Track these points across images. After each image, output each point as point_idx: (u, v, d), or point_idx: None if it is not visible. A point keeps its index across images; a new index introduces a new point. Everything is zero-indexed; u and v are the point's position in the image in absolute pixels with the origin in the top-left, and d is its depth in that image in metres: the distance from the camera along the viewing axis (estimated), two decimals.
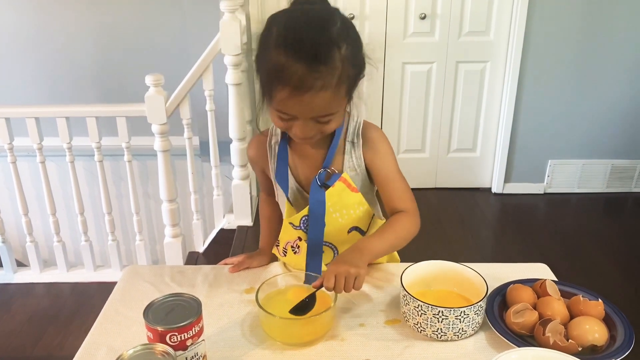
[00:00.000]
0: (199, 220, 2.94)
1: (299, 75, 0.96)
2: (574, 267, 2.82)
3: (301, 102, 0.98)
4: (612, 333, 1.02)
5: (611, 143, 3.55)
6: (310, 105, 0.99)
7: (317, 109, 1.01)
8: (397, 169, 1.20)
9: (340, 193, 1.18)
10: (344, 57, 0.98)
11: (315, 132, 1.06)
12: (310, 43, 0.96)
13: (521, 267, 1.28)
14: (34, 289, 2.92)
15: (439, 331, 1.03)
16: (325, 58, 0.96)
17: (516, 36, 3.27)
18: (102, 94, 3.48)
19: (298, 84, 0.96)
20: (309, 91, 0.97)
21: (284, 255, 1.32)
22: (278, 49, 0.97)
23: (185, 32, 3.29)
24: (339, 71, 0.98)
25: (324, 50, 0.96)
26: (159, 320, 0.89)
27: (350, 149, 1.18)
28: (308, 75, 0.96)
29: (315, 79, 0.96)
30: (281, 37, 0.98)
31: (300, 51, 0.95)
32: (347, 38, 1.00)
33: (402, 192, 1.20)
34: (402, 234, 1.16)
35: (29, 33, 3.39)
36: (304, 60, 0.95)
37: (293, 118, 1.03)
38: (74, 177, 2.73)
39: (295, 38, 0.96)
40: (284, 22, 1.00)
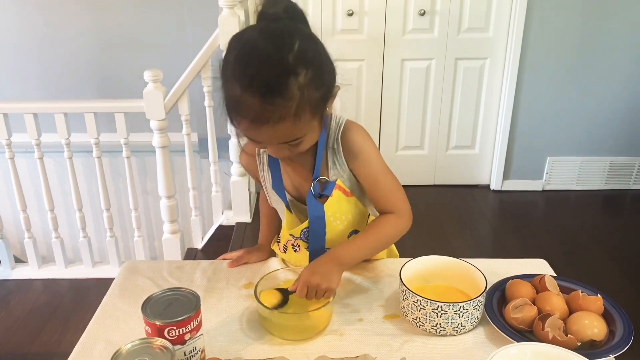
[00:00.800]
0: (197, 217, 2.94)
1: (255, 110, 0.93)
2: (572, 264, 2.82)
3: (261, 133, 0.97)
4: (611, 328, 1.02)
5: (610, 140, 3.55)
6: (272, 135, 0.98)
7: (279, 137, 0.99)
8: (381, 170, 1.16)
9: (338, 201, 1.17)
10: (303, 85, 0.94)
11: (289, 152, 1.04)
12: (262, 77, 0.92)
13: (520, 262, 1.28)
14: (32, 285, 2.92)
15: (438, 326, 1.03)
16: (279, 91, 0.92)
17: (515, 33, 3.26)
18: (100, 90, 3.47)
19: (254, 117, 0.94)
20: (267, 123, 0.94)
21: (284, 251, 1.32)
22: (233, 82, 0.94)
23: (184, 28, 3.29)
24: (296, 100, 0.94)
25: (278, 83, 0.92)
26: (157, 314, 0.89)
27: (332, 157, 1.15)
28: (263, 110, 0.93)
29: (271, 112, 0.93)
30: (236, 70, 0.94)
31: (252, 86, 0.92)
32: (306, 62, 0.94)
33: (390, 193, 1.17)
34: (383, 237, 1.15)
35: (27, 29, 3.38)
36: (257, 94, 0.92)
37: (262, 142, 1.02)
38: (72, 173, 2.72)
39: (246, 72, 0.93)
40: (238, 50, 0.96)
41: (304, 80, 0.94)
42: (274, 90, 0.92)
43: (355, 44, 3.32)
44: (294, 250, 1.28)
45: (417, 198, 3.60)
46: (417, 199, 3.54)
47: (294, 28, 0.98)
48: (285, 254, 1.32)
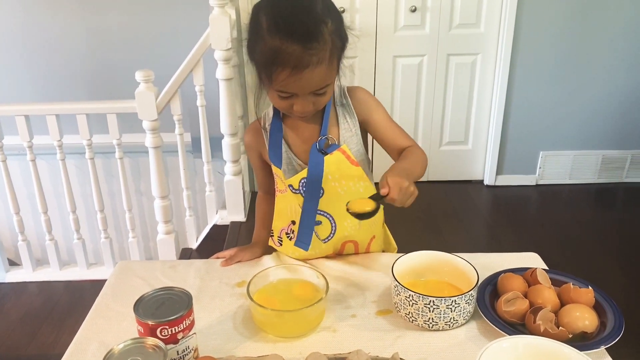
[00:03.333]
0: (191, 217, 2.93)
1: (296, 55, 1.02)
2: (566, 257, 2.83)
3: (301, 79, 1.05)
4: (602, 320, 1.02)
5: (602, 134, 3.56)
6: (309, 81, 1.06)
7: (315, 83, 1.07)
8: (390, 117, 1.27)
9: (338, 163, 1.20)
10: (331, 32, 1.06)
11: (312, 105, 1.12)
12: (301, 24, 1.03)
13: (512, 256, 1.28)
14: (26, 288, 2.91)
15: (431, 321, 1.04)
16: (316, 35, 1.03)
17: (507, 28, 3.27)
18: (92, 91, 3.46)
19: (296, 63, 1.03)
20: (307, 68, 1.04)
21: (280, 244, 1.33)
22: (272, 35, 1.03)
23: (174, 27, 3.28)
24: (329, 45, 1.05)
25: (314, 28, 1.03)
26: (149, 314, 0.89)
27: (342, 111, 1.23)
28: (304, 54, 1.02)
29: (311, 55, 1.03)
30: (273, 24, 1.04)
31: (294, 33, 1.02)
32: (330, 14, 1.07)
33: (402, 133, 1.26)
34: (421, 159, 1.20)
35: (17, 31, 3.36)
36: (298, 40, 1.02)
37: (292, 96, 1.10)
38: (65, 175, 2.71)
39: (287, 22, 1.03)
40: (271, 9, 1.06)
41: (332, 28, 1.06)
42: (312, 36, 1.03)
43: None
44: (289, 238, 1.29)
45: None
46: None
47: None
48: (281, 246, 1.33)
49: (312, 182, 1.20)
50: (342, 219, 1.25)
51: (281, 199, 1.30)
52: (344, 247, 1.32)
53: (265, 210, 1.40)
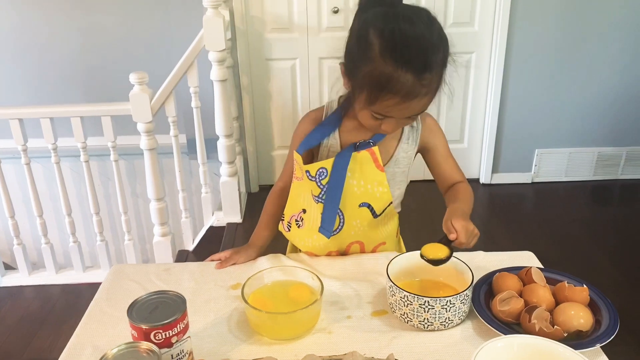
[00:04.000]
0: (187, 219, 2.93)
1: (409, 85, 1.00)
2: (562, 255, 2.84)
3: (408, 107, 1.04)
4: (597, 318, 1.03)
5: (597, 131, 3.57)
6: (414, 109, 1.06)
7: (417, 110, 1.07)
8: (449, 150, 1.31)
9: (362, 162, 1.19)
10: (441, 62, 1.03)
11: (400, 126, 1.14)
12: (418, 53, 0.99)
13: (507, 255, 1.28)
14: (23, 292, 2.90)
15: (426, 321, 1.03)
16: (431, 66, 1.00)
17: (501, 26, 3.27)
18: (86, 94, 3.44)
19: (407, 92, 1.01)
20: (416, 98, 1.02)
21: (288, 230, 1.33)
22: (385, 59, 1.00)
23: (168, 29, 3.27)
24: (438, 76, 1.04)
25: (430, 58, 1.00)
26: (142, 318, 0.89)
27: (409, 133, 1.24)
28: (417, 84, 1.00)
29: (423, 86, 1.01)
30: (388, 48, 1.00)
31: (410, 62, 0.99)
32: (442, 40, 1.04)
33: (456, 168, 1.32)
34: (470, 198, 1.26)
35: (11, 33, 3.35)
36: (413, 70, 0.99)
37: (388, 117, 1.08)
38: (60, 178, 2.70)
39: (403, 49, 0.99)
40: (385, 30, 1.01)
41: (442, 57, 1.04)
42: (428, 67, 1.00)
43: (341, 41, 3.30)
44: (297, 225, 1.30)
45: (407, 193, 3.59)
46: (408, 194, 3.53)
47: (422, 9, 1.05)
48: (289, 232, 1.33)
49: (336, 178, 1.20)
50: (351, 217, 1.25)
51: (297, 186, 1.29)
52: (349, 248, 1.32)
53: (273, 212, 1.37)
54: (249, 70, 3.31)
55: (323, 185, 1.22)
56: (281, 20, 3.25)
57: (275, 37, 3.29)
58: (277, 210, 1.37)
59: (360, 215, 1.25)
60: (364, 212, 1.25)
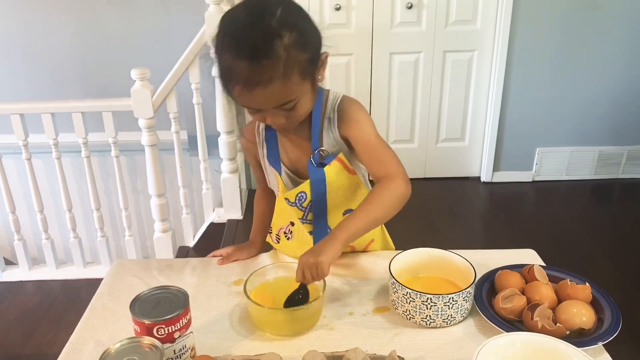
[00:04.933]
0: (188, 215, 2.93)
1: (245, 73, 0.98)
2: (563, 254, 2.83)
3: (254, 96, 1.00)
4: (600, 316, 1.02)
5: (598, 130, 3.57)
6: (265, 98, 1.01)
7: (272, 99, 1.02)
8: (375, 135, 1.17)
9: (337, 173, 1.18)
10: (288, 45, 0.98)
11: (286, 120, 1.07)
12: (248, 40, 0.97)
13: (509, 252, 1.28)
14: (23, 287, 2.90)
15: (428, 318, 1.03)
16: (265, 52, 0.96)
17: (503, 24, 3.27)
18: (87, 89, 3.44)
19: (245, 80, 0.99)
20: (258, 85, 0.98)
21: (277, 242, 1.32)
22: (223, 51, 1.00)
23: (170, 25, 3.27)
24: (283, 60, 0.97)
25: (263, 44, 0.97)
26: (145, 313, 0.89)
27: (328, 125, 1.17)
28: (252, 72, 0.97)
29: (260, 73, 0.97)
30: (225, 39, 1.00)
31: (240, 50, 0.97)
32: (289, 25, 0.99)
33: (384, 156, 1.16)
34: (383, 204, 1.10)
35: (12, 29, 3.34)
36: (245, 58, 0.97)
37: (259, 110, 1.05)
38: (61, 173, 2.70)
39: (234, 38, 0.99)
40: (226, 23, 1.02)
41: (289, 41, 0.98)
42: (260, 52, 0.96)
43: (343, 38, 3.31)
44: (287, 238, 1.29)
45: None
46: None
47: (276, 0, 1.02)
48: (278, 244, 1.33)
49: (317, 198, 1.18)
50: None
51: (281, 199, 1.29)
52: None
53: (263, 209, 1.39)
54: None
55: (304, 207, 1.22)
56: None
57: None
58: (265, 209, 1.38)
59: None
60: None
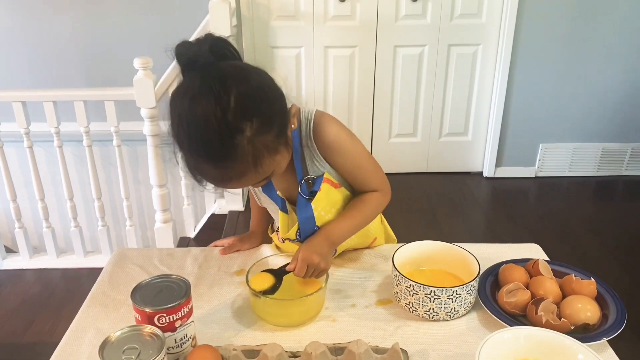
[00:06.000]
0: (189, 206, 2.92)
1: (214, 174, 0.95)
2: (565, 250, 2.83)
3: (230, 186, 0.98)
4: (604, 312, 1.02)
5: (602, 127, 3.55)
6: (241, 185, 0.99)
7: (248, 184, 1.00)
8: (359, 156, 1.14)
9: (327, 194, 1.14)
10: (252, 136, 0.90)
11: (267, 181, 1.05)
12: (207, 148, 0.89)
13: (513, 247, 1.28)
14: (23, 276, 2.90)
15: (431, 311, 1.03)
16: (229, 154, 0.90)
17: (508, 19, 3.24)
18: (89, 78, 3.42)
19: (217, 180, 0.97)
20: (230, 182, 0.96)
21: (282, 241, 1.31)
22: (184, 151, 0.94)
23: (174, 14, 3.25)
24: (250, 153, 0.91)
25: (225, 147, 0.89)
26: (147, 301, 0.88)
27: (309, 154, 1.11)
28: (222, 174, 0.94)
29: (230, 172, 0.93)
30: (182, 141, 0.93)
31: (202, 157, 0.91)
32: (248, 112, 0.89)
33: (371, 176, 1.17)
34: (368, 214, 1.17)
35: (14, 18, 3.33)
36: (211, 163, 0.92)
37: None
38: (62, 162, 2.69)
39: (192, 145, 0.91)
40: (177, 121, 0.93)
41: (251, 132, 0.90)
42: (224, 156, 0.90)
43: (347, 30, 3.29)
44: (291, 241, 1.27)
45: (410, 185, 3.59)
46: (410, 186, 3.53)
47: (224, 75, 0.90)
48: (283, 243, 1.31)
49: (306, 230, 1.16)
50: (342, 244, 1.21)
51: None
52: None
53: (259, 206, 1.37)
54: (253, 58, 3.29)
55: None
56: (287, 7, 3.23)
57: (281, 25, 3.27)
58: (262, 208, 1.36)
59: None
60: None
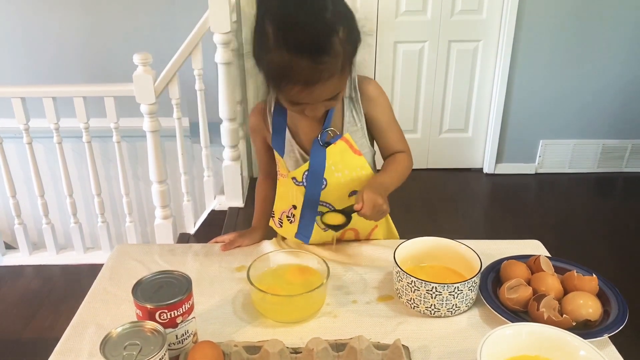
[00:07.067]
0: (189, 202, 2.92)
1: (306, 71, 0.97)
2: (565, 247, 2.82)
3: (312, 93, 1.01)
4: (606, 308, 1.02)
5: (602, 123, 3.55)
6: (321, 93, 1.02)
7: (327, 94, 1.03)
8: (394, 118, 1.25)
9: (342, 152, 1.18)
10: (343, 40, 0.98)
11: (324, 108, 1.10)
12: (310, 38, 0.95)
13: (515, 243, 1.27)
14: (23, 272, 2.90)
15: (433, 307, 1.02)
16: (327, 48, 0.96)
17: (509, 15, 3.24)
18: (89, 75, 3.42)
19: (307, 79, 0.98)
20: (318, 82, 0.99)
21: (280, 226, 1.32)
22: (280, 49, 0.96)
23: (173, 10, 3.24)
24: (341, 55, 0.99)
25: (325, 40, 0.96)
26: (148, 297, 0.88)
27: (350, 104, 1.19)
28: (315, 69, 0.97)
29: (322, 70, 0.97)
30: (280, 37, 0.96)
31: (302, 48, 0.95)
32: (341, 19, 0.99)
33: (399, 137, 1.26)
34: (403, 170, 1.23)
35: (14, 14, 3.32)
36: (308, 56, 0.96)
37: (305, 104, 1.06)
38: (62, 158, 2.69)
39: (294, 36, 0.96)
40: (277, 17, 0.98)
41: (343, 35, 0.98)
42: (323, 50, 0.96)
43: None
44: (289, 221, 1.29)
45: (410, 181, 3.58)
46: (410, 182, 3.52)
47: None
48: (281, 228, 1.32)
49: (314, 176, 1.19)
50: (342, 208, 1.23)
51: (283, 183, 1.29)
52: (343, 235, 1.31)
53: (265, 195, 1.38)
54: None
55: None
56: None
57: None
58: (267, 195, 1.37)
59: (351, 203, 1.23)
60: (353, 201, 1.24)
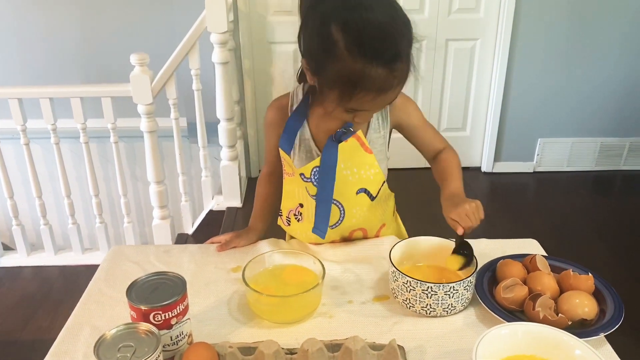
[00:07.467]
0: (187, 202, 2.91)
1: (382, 79, 0.96)
2: (563, 245, 2.82)
3: (382, 100, 1.02)
4: (602, 307, 1.01)
5: (600, 121, 3.55)
6: (388, 100, 1.03)
7: (390, 100, 1.04)
8: (424, 118, 1.27)
9: (352, 150, 1.17)
10: (408, 46, 0.99)
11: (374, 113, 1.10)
12: (386, 44, 0.95)
13: (511, 242, 1.27)
14: (21, 273, 2.89)
15: (428, 307, 1.02)
16: (401, 55, 0.96)
17: (506, 13, 3.23)
18: (86, 75, 3.41)
19: (381, 86, 0.98)
20: (390, 89, 0.99)
21: (288, 224, 1.32)
22: (353, 57, 0.95)
23: (170, 10, 3.23)
24: (406, 61, 0.99)
25: (399, 46, 0.96)
26: (142, 299, 0.87)
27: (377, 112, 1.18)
28: (390, 77, 0.97)
29: (395, 77, 0.98)
30: (355, 45, 0.94)
31: (379, 55, 0.94)
32: (406, 23, 0.98)
33: (435, 134, 1.29)
34: (457, 165, 1.27)
35: (10, 13, 3.31)
36: (385, 64, 0.95)
37: (365, 110, 1.05)
38: (59, 159, 2.68)
39: (370, 41, 0.94)
40: (348, 25, 0.95)
41: (409, 42, 0.99)
42: (397, 57, 0.96)
43: None
44: (297, 219, 1.29)
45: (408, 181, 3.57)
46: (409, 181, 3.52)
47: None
48: (289, 226, 1.32)
49: (325, 171, 1.18)
50: (351, 206, 1.24)
51: (289, 181, 1.28)
52: (352, 235, 1.31)
53: (267, 195, 1.37)
54: (251, 53, 3.28)
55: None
56: (284, 3, 3.21)
57: (278, 20, 3.25)
58: (269, 193, 1.37)
59: (359, 202, 1.24)
60: (362, 198, 1.24)
